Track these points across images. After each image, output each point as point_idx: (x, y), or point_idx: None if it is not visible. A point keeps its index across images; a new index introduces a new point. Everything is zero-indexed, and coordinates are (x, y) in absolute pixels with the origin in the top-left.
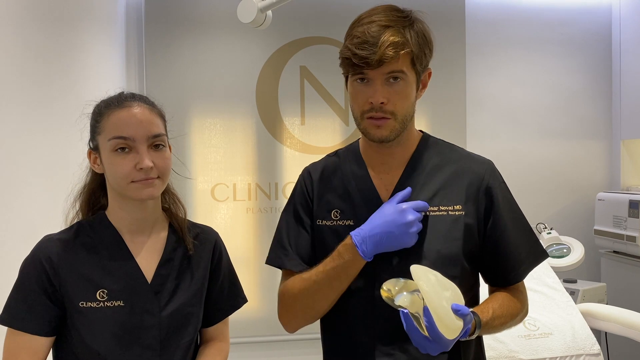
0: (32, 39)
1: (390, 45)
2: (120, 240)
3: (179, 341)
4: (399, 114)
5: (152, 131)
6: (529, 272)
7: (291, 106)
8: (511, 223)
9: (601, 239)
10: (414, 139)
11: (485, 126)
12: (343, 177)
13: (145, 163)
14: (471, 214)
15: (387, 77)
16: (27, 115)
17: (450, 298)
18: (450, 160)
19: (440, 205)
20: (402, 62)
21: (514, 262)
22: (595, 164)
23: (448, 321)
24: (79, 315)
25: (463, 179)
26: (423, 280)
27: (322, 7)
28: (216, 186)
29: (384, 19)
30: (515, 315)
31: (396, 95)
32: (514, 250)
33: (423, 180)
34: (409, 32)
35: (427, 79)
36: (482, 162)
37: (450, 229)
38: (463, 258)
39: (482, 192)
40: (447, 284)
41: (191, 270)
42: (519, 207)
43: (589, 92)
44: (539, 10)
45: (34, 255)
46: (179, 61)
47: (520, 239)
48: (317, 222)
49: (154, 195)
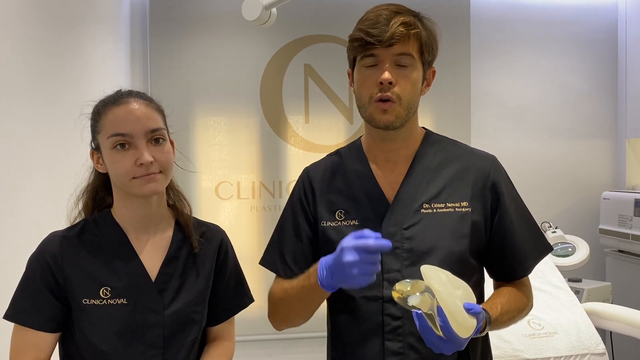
0: (38, 37)
1: (402, 24)
2: (124, 238)
3: (183, 340)
4: (404, 98)
5: (150, 126)
6: (534, 265)
7: (295, 104)
8: (517, 218)
9: (606, 238)
10: (418, 136)
11: (489, 125)
12: (346, 176)
13: (144, 158)
14: (478, 211)
15: (397, 60)
16: (33, 114)
17: (462, 297)
18: (455, 157)
19: (447, 202)
20: (412, 44)
21: (520, 256)
22: (601, 163)
23: (462, 320)
24: (82, 312)
25: (469, 176)
26: (434, 279)
27: (327, 4)
28: (220, 184)
29: (394, 8)
30: (522, 309)
31: (404, 78)
32: (520, 245)
33: (429, 177)
34: (419, 21)
35: (431, 77)
36: (487, 158)
37: (457, 226)
38: (470, 255)
39: (488, 188)
40: (458, 282)
41: (196, 269)
42: (523, 201)
43: (594, 90)
44: (544, 9)
45: (39, 252)
46: (184, 59)
47: (526, 233)
48: (321, 224)
49: (157, 190)
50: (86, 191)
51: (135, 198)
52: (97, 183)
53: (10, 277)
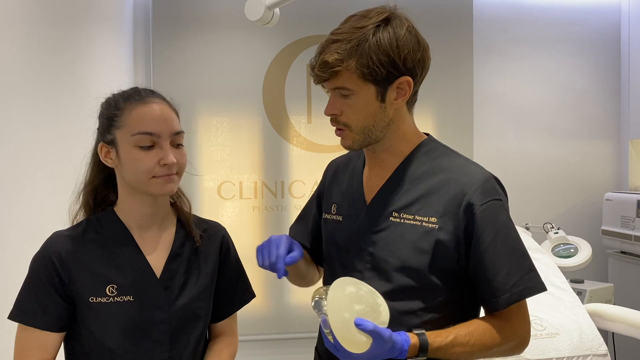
0: (41, 37)
1: (322, 65)
2: (129, 235)
3: (189, 336)
4: (353, 126)
5: (175, 128)
6: (512, 303)
7: (298, 104)
8: (494, 246)
9: (609, 239)
10: (409, 144)
11: (492, 125)
12: (348, 173)
13: (170, 159)
14: (447, 229)
15: (338, 91)
16: (36, 112)
17: (360, 312)
18: (441, 169)
19: (417, 215)
20: (344, 78)
21: (492, 288)
22: (603, 164)
23: (347, 335)
24: (89, 310)
25: (446, 191)
26: (334, 291)
27: (329, 5)
28: (222, 184)
29: (338, 31)
30: (489, 347)
31: (348, 108)
32: (493, 277)
33: (407, 186)
34: (359, 46)
35: (406, 87)
36: (472, 176)
37: (418, 241)
38: (430, 272)
39: (463, 208)
40: (366, 298)
41: (200, 265)
42: (512, 230)
43: (597, 91)
44: (547, 10)
45: (44, 252)
46: (186, 59)
47: (505, 266)
48: (323, 215)
49: (173, 191)
50: (86, 189)
51: (144, 196)
52: (98, 180)
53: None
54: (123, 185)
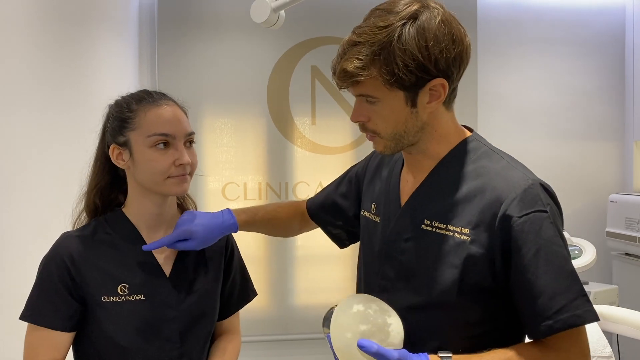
0: (46, 38)
1: (342, 74)
2: (138, 235)
3: (198, 333)
4: (382, 132)
5: (188, 129)
6: (555, 332)
7: (302, 106)
8: (535, 265)
9: (613, 241)
10: (447, 145)
11: (496, 126)
12: (391, 168)
13: (185, 159)
14: (480, 243)
15: (363, 97)
16: (41, 112)
17: (364, 333)
18: (480, 173)
19: (449, 224)
20: (367, 87)
21: (533, 314)
22: (608, 166)
23: (347, 355)
24: (101, 309)
25: (481, 199)
26: (340, 309)
27: (334, 7)
28: (227, 185)
29: (359, 30)
30: None
31: (376, 115)
32: (533, 300)
33: (440, 192)
34: (382, 50)
35: (440, 89)
36: (512, 183)
37: (448, 254)
38: (458, 288)
39: (499, 220)
40: (376, 318)
41: (207, 264)
42: (559, 247)
43: (601, 93)
44: (552, 11)
45: (55, 253)
46: (191, 61)
47: (547, 287)
48: (362, 213)
49: (187, 190)
50: (94, 191)
51: (155, 197)
52: (105, 182)
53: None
54: (134, 185)
